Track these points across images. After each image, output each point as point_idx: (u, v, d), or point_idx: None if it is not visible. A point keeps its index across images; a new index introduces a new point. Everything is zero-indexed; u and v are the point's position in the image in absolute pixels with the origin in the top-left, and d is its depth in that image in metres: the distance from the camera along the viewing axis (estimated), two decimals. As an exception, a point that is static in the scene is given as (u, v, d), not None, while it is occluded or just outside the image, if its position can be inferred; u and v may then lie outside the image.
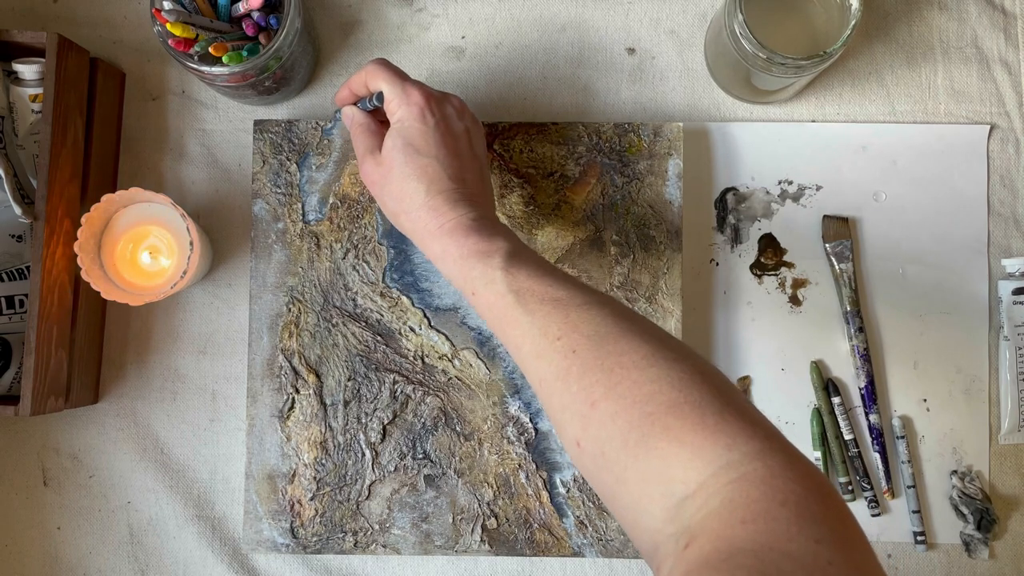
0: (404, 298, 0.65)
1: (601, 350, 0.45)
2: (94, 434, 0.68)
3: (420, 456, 0.65)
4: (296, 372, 0.65)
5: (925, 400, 0.68)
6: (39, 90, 0.63)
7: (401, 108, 0.55)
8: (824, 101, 0.69)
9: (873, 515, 0.67)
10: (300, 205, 0.66)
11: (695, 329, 0.68)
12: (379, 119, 0.60)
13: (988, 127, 0.69)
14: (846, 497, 0.67)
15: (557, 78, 0.69)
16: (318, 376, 0.65)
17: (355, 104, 0.60)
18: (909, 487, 0.66)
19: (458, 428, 0.65)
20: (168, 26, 0.58)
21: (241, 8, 0.61)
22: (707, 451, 0.40)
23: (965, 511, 0.65)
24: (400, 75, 0.57)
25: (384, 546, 0.64)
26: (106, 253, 0.63)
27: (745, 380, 0.67)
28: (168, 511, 0.67)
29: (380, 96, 0.57)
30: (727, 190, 0.69)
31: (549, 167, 0.66)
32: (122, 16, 0.70)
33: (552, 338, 0.46)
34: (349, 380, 0.65)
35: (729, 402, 0.42)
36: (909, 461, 0.67)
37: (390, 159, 0.55)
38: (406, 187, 0.54)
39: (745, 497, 0.38)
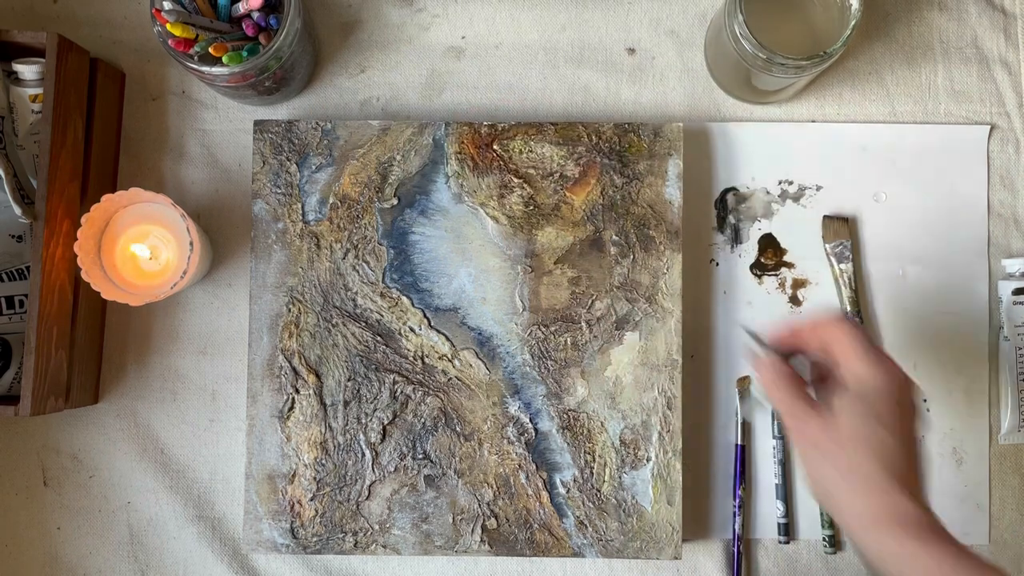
0: (404, 298, 0.65)
1: None
2: (94, 434, 0.68)
3: (420, 456, 0.65)
4: (296, 372, 0.65)
5: (925, 400, 0.68)
6: (39, 90, 0.63)
7: (876, 375, 0.49)
8: (824, 101, 0.69)
9: (873, 515, 0.67)
10: (300, 205, 0.66)
11: (695, 330, 0.68)
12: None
13: (988, 127, 0.69)
14: (846, 497, 0.67)
15: (557, 78, 0.69)
16: (318, 376, 0.65)
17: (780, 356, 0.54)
18: (909, 487, 0.66)
19: (458, 428, 0.65)
20: (168, 26, 0.58)
21: (241, 8, 0.61)
22: None
23: None
24: (874, 350, 0.50)
25: (384, 546, 0.64)
26: (106, 253, 0.63)
27: (745, 380, 0.67)
28: (168, 511, 0.67)
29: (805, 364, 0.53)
30: (727, 190, 0.69)
31: (549, 167, 0.66)
32: (122, 16, 0.70)
33: None
34: (349, 380, 0.65)
35: None
36: (909, 461, 0.67)
37: (844, 423, 0.49)
38: (859, 460, 0.48)
39: None
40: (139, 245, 0.63)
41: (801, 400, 0.51)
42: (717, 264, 0.68)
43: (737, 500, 0.66)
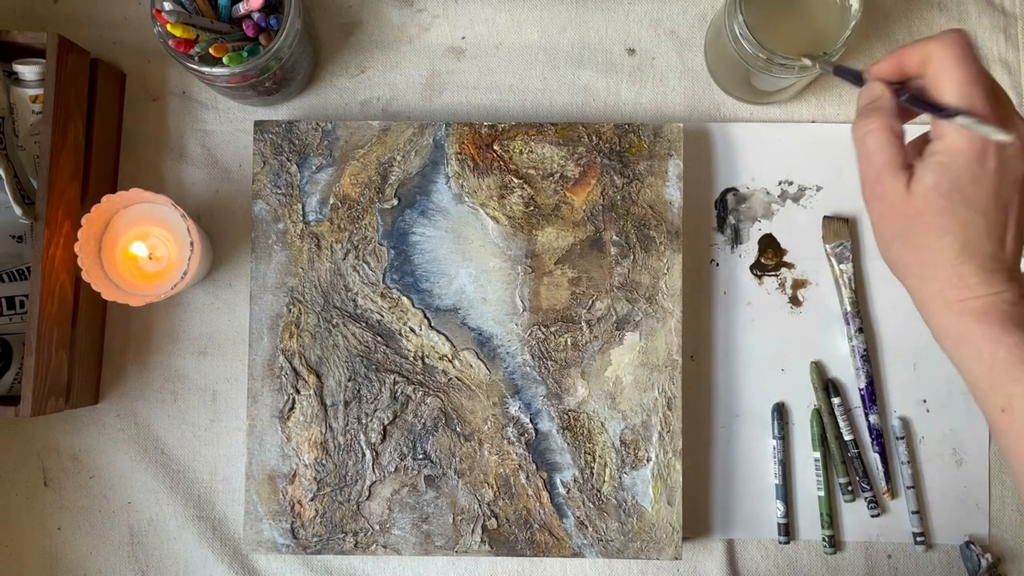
0: (404, 299, 0.66)
1: None
2: (94, 435, 0.68)
3: (420, 457, 0.65)
4: (296, 373, 0.65)
5: (925, 401, 0.68)
6: (39, 91, 0.63)
7: (960, 137, 0.42)
8: (824, 101, 0.69)
9: (873, 516, 0.67)
10: (300, 206, 0.66)
11: (695, 329, 0.68)
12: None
13: (988, 128, 0.69)
14: (845, 498, 0.67)
15: (557, 78, 0.70)
16: (318, 377, 0.65)
17: (890, 84, 0.46)
18: (909, 488, 0.66)
19: (458, 429, 0.65)
20: (168, 27, 0.58)
21: (241, 9, 0.61)
22: None
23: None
24: (981, 81, 0.42)
25: (384, 547, 0.64)
26: (106, 254, 0.63)
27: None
28: (168, 511, 0.67)
29: (931, 107, 0.43)
30: (727, 190, 0.69)
31: (549, 168, 0.66)
32: (123, 17, 0.70)
33: None
34: (349, 381, 0.65)
35: None
36: (909, 462, 0.67)
37: (924, 201, 0.42)
38: (933, 242, 0.43)
39: None
40: (139, 244, 0.63)
41: (891, 163, 0.43)
42: (717, 264, 0.68)
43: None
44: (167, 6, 0.59)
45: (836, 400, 0.67)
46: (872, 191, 0.45)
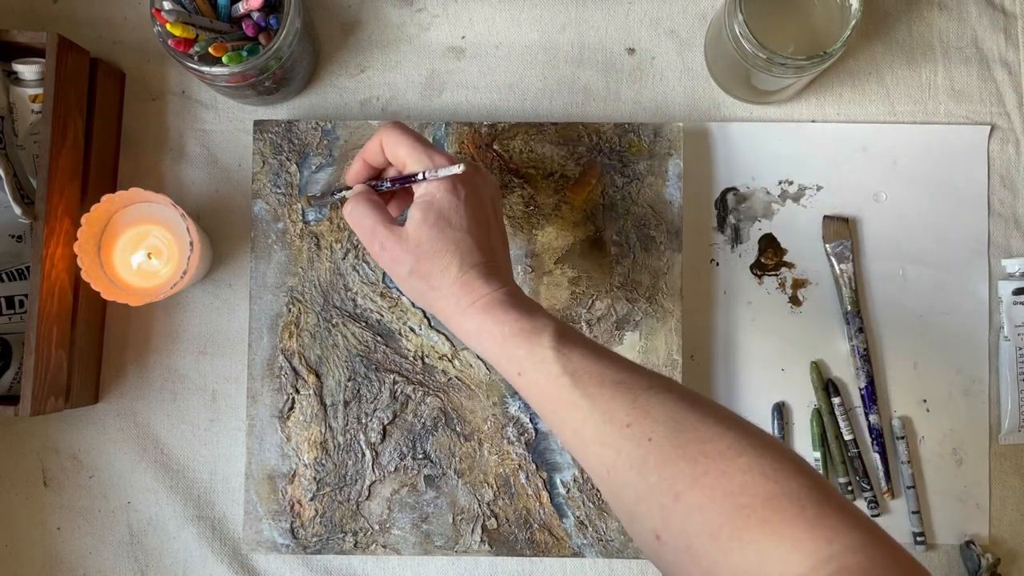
0: (404, 298, 0.65)
1: (680, 438, 0.43)
2: (94, 434, 0.68)
3: (420, 456, 0.65)
4: (296, 372, 0.65)
5: (925, 401, 0.68)
6: (39, 90, 0.63)
7: (432, 182, 0.53)
8: (824, 101, 0.69)
9: (873, 516, 0.67)
10: (300, 205, 0.66)
11: (695, 329, 0.68)
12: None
13: (988, 127, 0.69)
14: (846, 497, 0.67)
15: (557, 78, 0.69)
16: (318, 376, 0.65)
17: (368, 181, 0.57)
18: (909, 488, 0.66)
19: (458, 428, 0.65)
20: (168, 26, 0.58)
21: (241, 8, 0.61)
22: (807, 544, 0.39)
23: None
24: (423, 143, 0.54)
25: (384, 546, 0.64)
26: (106, 253, 0.63)
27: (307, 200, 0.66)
28: (168, 511, 0.67)
29: (405, 179, 0.54)
30: (727, 190, 0.69)
31: (549, 167, 0.66)
32: (122, 16, 0.70)
33: (620, 424, 0.45)
34: (349, 380, 0.65)
35: (826, 494, 0.41)
36: (909, 462, 0.67)
37: (419, 234, 0.52)
38: (436, 263, 0.51)
39: None
40: (139, 254, 0.63)
41: (379, 222, 0.53)
42: (717, 264, 0.68)
43: None
44: (167, 5, 0.59)
45: (836, 400, 0.67)
46: (374, 248, 0.54)
